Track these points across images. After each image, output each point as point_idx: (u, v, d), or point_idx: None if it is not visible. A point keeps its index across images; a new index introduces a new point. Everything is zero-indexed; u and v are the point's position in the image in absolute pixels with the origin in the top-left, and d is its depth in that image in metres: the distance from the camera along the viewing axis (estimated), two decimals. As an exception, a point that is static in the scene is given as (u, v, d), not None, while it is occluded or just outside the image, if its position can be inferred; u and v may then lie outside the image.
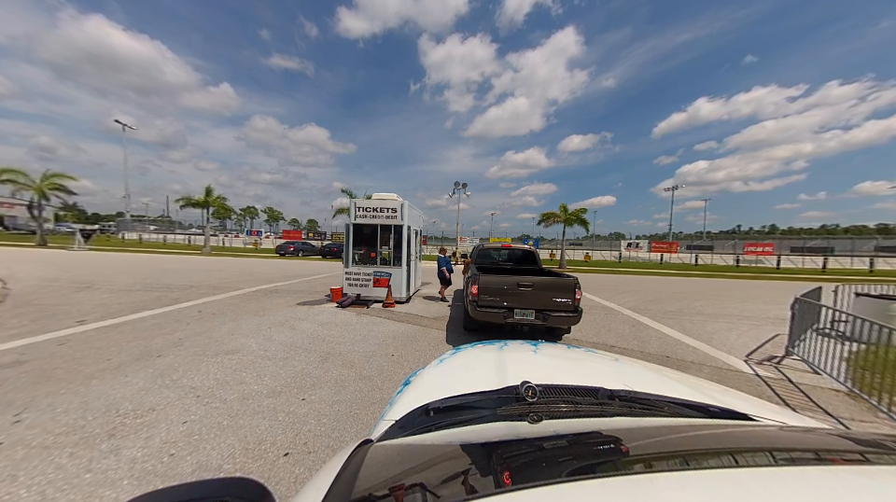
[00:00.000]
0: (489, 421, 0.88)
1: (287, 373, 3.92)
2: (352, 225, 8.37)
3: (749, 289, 14.51)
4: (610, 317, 7.81)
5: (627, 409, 0.96)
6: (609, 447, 0.70)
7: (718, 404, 1.02)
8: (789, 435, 0.79)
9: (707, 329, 6.90)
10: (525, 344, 1.74)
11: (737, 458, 0.63)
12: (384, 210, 8.31)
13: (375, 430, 0.98)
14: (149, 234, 46.55)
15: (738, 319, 7.98)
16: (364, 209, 8.34)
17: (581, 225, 23.51)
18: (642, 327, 6.92)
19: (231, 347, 4.74)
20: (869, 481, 0.50)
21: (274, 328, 5.75)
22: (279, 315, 6.70)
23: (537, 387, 0.97)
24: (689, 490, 0.47)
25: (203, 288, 9.56)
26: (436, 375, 1.37)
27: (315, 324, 6.18)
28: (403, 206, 8.30)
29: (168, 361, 4.19)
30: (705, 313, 8.56)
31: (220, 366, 4.07)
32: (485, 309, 5.20)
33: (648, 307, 9.24)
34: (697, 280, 18.65)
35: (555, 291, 5.11)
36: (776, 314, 8.47)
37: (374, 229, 8.40)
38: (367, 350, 4.85)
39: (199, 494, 0.59)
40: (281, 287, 10.41)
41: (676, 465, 0.61)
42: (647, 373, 1.39)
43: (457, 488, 0.56)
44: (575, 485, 0.49)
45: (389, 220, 8.31)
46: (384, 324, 6.42)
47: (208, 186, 26.46)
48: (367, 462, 0.68)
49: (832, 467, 0.57)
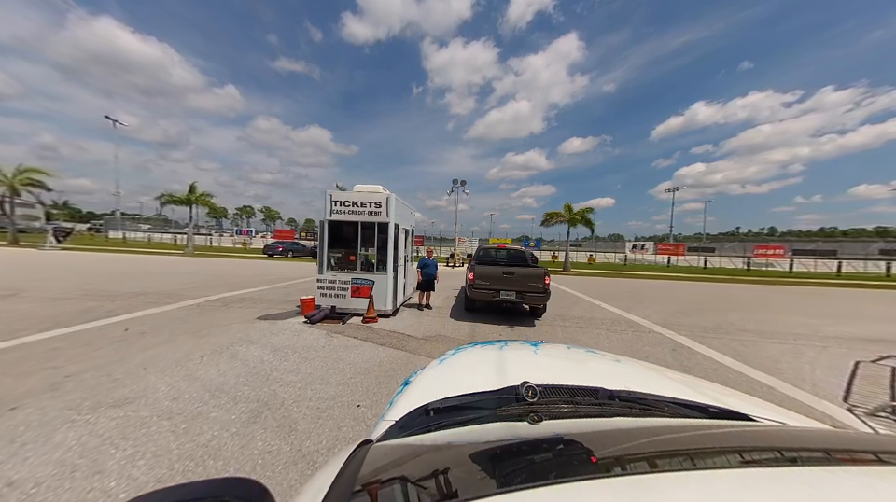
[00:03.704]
0: (489, 421, 0.87)
1: (181, 450, 2.48)
2: (327, 222, 6.94)
3: (778, 297, 13.16)
4: (641, 337, 6.41)
5: (627, 409, 0.94)
6: (610, 448, 0.69)
7: (718, 404, 1.01)
8: (789, 435, 0.79)
9: (768, 355, 5.50)
10: (526, 344, 1.75)
11: (738, 458, 0.62)
12: (366, 205, 6.89)
13: (375, 430, 0.97)
14: (136, 233, 44.90)
15: (794, 339, 6.59)
16: (342, 203, 6.91)
17: (587, 225, 22.14)
18: (686, 353, 5.51)
19: (126, 393, 3.30)
20: (870, 481, 0.49)
21: (208, 358, 4.31)
22: (225, 336, 5.26)
23: (537, 388, 0.96)
24: (689, 490, 0.46)
25: (154, 296, 8.10)
26: (436, 375, 1.37)
27: (267, 350, 4.74)
28: (389, 200, 6.88)
29: (18, 419, 2.77)
30: (750, 331, 7.17)
31: (89, 431, 2.65)
32: (479, 290, 7.06)
33: (679, 321, 7.85)
34: (714, 286, 17.29)
35: (530, 278, 6.89)
36: (835, 332, 7.11)
37: (355, 227, 6.98)
38: (324, 396, 3.43)
39: (199, 494, 0.57)
40: (249, 296, 8.96)
41: (676, 465, 0.61)
42: (647, 373, 1.39)
43: (458, 488, 0.55)
44: (575, 486, 0.48)
45: (373, 217, 6.89)
46: (358, 348, 4.99)
47: (192, 183, 24.97)
48: (367, 462, 0.67)
49: (832, 468, 0.56)
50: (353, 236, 7.05)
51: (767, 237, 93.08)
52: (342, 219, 6.92)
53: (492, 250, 9.55)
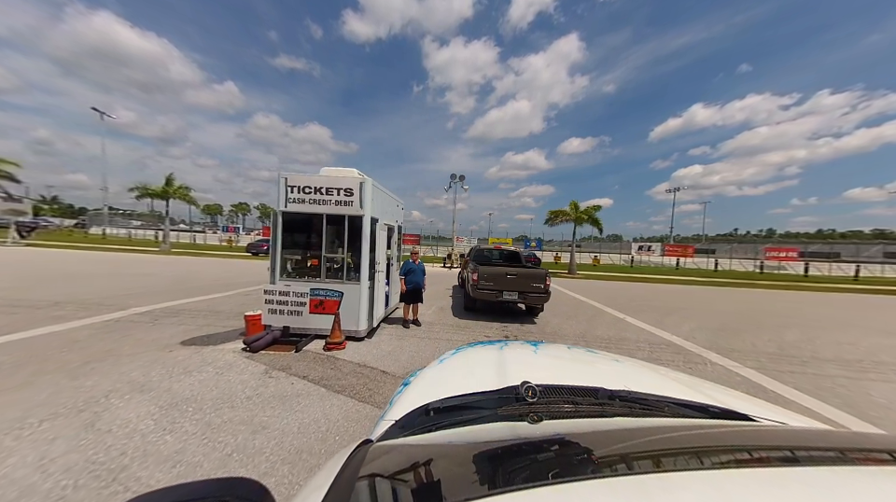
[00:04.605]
0: (489, 421, 0.86)
1: None
2: (280, 214, 5.28)
3: (820, 307, 11.59)
4: (699, 371, 4.80)
5: (627, 409, 0.93)
6: (610, 448, 0.68)
7: (718, 404, 0.99)
8: (789, 435, 0.78)
9: (883, 399, 3.92)
10: (526, 344, 1.72)
11: (738, 459, 0.61)
12: (332, 191, 5.24)
13: (375, 430, 0.96)
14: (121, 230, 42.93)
15: (891, 371, 5.01)
16: (302, 190, 5.25)
17: (594, 225, 20.49)
18: (779, 403, 3.89)
19: None
20: (871, 481, 0.49)
21: (50, 425, 2.66)
22: (110, 378, 3.60)
23: (537, 387, 0.95)
24: (689, 490, 0.45)
25: (71, 306, 6.42)
26: (436, 375, 1.35)
27: (158, 405, 3.08)
28: (364, 187, 5.24)
29: None
30: (828, 359, 5.57)
31: None
32: (483, 290, 7.06)
33: (731, 344, 6.25)
34: (737, 292, 15.73)
35: (532, 279, 7.06)
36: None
37: (319, 221, 5.34)
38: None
39: (199, 494, 0.57)
40: (195, 306, 7.28)
41: (676, 465, 0.59)
42: (647, 373, 1.37)
43: (457, 488, 0.54)
44: (575, 486, 0.48)
45: (342, 208, 5.24)
46: (301, 399, 3.35)
47: (169, 174, 23.16)
48: (367, 462, 0.66)
49: (833, 468, 0.54)
50: (317, 233, 5.41)
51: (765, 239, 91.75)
52: (301, 211, 5.26)
53: (486, 250, 9.83)
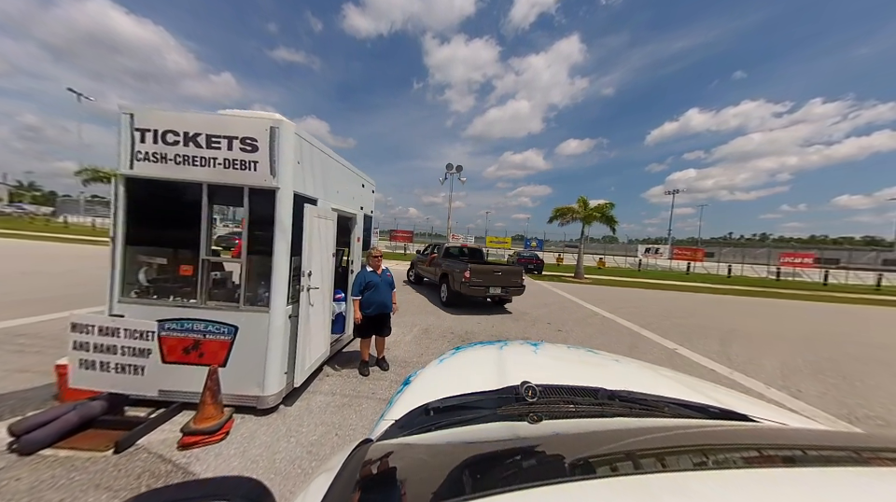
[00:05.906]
0: (489, 421, 0.86)
1: None
2: (124, 181, 2.94)
3: (868, 323, 9.52)
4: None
5: (627, 409, 0.93)
6: (609, 447, 0.68)
7: (718, 405, 0.99)
8: (788, 435, 0.78)
9: None
10: (525, 344, 1.72)
11: (738, 458, 0.61)
12: (218, 142, 2.89)
13: (375, 430, 0.96)
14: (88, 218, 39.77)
15: None
16: (162, 138, 2.88)
17: (607, 223, 18.32)
18: None
19: None
20: (870, 482, 0.48)
21: None
22: None
23: (536, 387, 0.96)
24: (689, 491, 0.45)
25: None
26: (436, 375, 1.35)
27: None
28: (278, 136, 2.91)
29: None
30: None
31: None
32: (474, 287, 7.84)
33: (837, 396, 4.05)
34: (769, 303, 13.65)
35: (512, 275, 8.28)
36: None
37: (196, 194, 3.01)
38: None
39: (199, 493, 0.57)
40: (50, 328, 4.87)
41: (676, 465, 0.59)
42: (647, 374, 1.37)
43: (457, 488, 0.53)
44: (574, 486, 0.48)
45: (236, 173, 2.92)
46: None
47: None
48: (366, 461, 0.66)
49: (832, 468, 0.55)
50: (192, 218, 3.07)
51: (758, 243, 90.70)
52: (162, 176, 2.90)
53: (453, 248, 10.93)
